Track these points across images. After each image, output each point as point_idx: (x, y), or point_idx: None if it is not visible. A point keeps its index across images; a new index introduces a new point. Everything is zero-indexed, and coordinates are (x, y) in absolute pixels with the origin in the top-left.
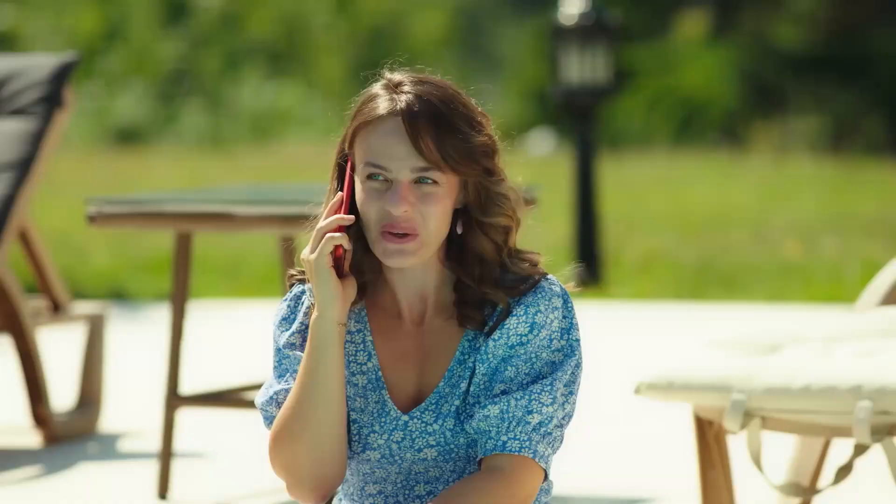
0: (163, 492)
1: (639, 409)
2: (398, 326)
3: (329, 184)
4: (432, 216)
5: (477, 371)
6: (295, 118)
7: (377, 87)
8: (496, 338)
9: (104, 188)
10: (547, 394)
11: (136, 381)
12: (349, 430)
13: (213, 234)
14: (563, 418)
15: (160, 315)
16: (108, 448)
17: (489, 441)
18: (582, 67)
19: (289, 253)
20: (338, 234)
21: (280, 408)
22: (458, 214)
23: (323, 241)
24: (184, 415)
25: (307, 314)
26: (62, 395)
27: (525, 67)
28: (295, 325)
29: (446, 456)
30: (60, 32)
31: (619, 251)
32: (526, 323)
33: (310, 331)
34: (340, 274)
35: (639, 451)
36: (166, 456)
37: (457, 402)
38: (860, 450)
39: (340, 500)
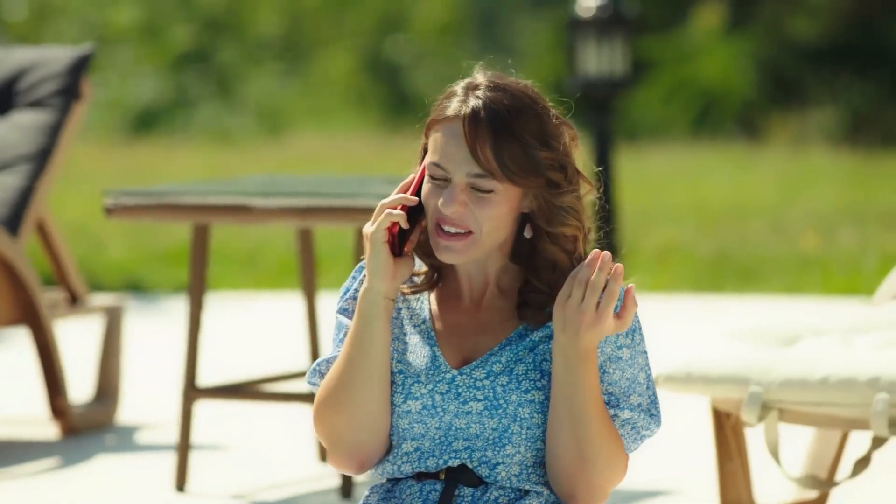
0: (180, 484)
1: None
2: (457, 304)
3: (416, 163)
4: (487, 219)
5: None
6: (305, 111)
7: (458, 85)
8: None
9: (120, 179)
10: (656, 407)
11: (154, 373)
12: (393, 384)
13: (230, 226)
14: None
15: (178, 307)
16: (125, 440)
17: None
18: (599, 59)
19: (307, 244)
20: (396, 212)
21: (323, 377)
22: (527, 218)
23: (382, 215)
24: (201, 407)
25: (362, 283)
26: (80, 386)
27: (542, 59)
28: (350, 292)
29: (492, 411)
30: (86, 25)
31: (637, 243)
32: (630, 327)
33: (358, 301)
34: (396, 252)
35: (656, 443)
36: (184, 448)
37: (511, 365)
38: (878, 442)
39: (373, 486)
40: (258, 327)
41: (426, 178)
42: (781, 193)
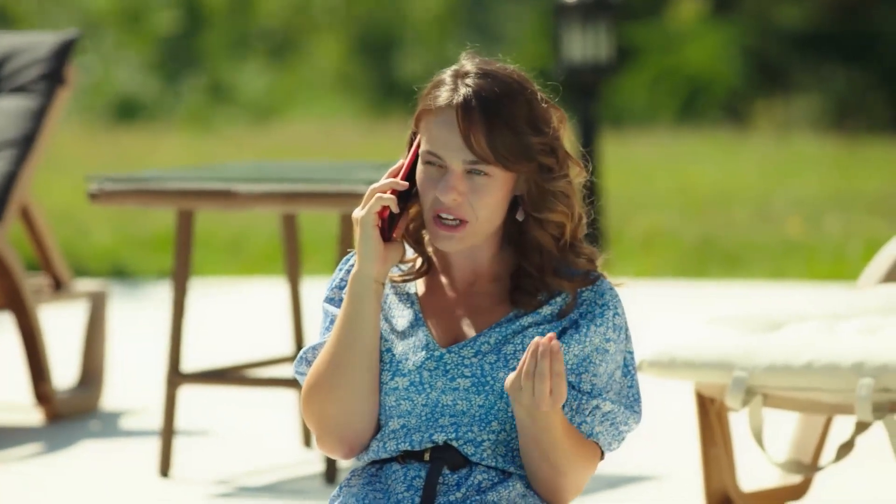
0: (164, 469)
1: (641, 387)
2: (447, 290)
3: (406, 148)
4: (483, 206)
5: (568, 345)
6: (296, 99)
7: (447, 74)
8: (597, 323)
9: (105, 165)
10: (637, 402)
11: (138, 359)
12: (381, 362)
13: (215, 212)
14: None
15: (162, 293)
16: (109, 426)
17: (584, 424)
18: (584, 45)
19: (292, 230)
20: (387, 196)
21: (310, 365)
22: (519, 201)
23: (373, 199)
24: (185, 392)
25: (349, 272)
26: (64, 372)
27: (528, 45)
28: (337, 281)
29: (479, 388)
30: (67, 8)
31: (622, 229)
32: (611, 324)
33: (348, 284)
34: (386, 237)
35: (641, 428)
36: (168, 433)
37: (500, 345)
38: (862, 427)
39: (353, 469)
40: (242, 313)
41: (421, 164)
42: (766, 180)
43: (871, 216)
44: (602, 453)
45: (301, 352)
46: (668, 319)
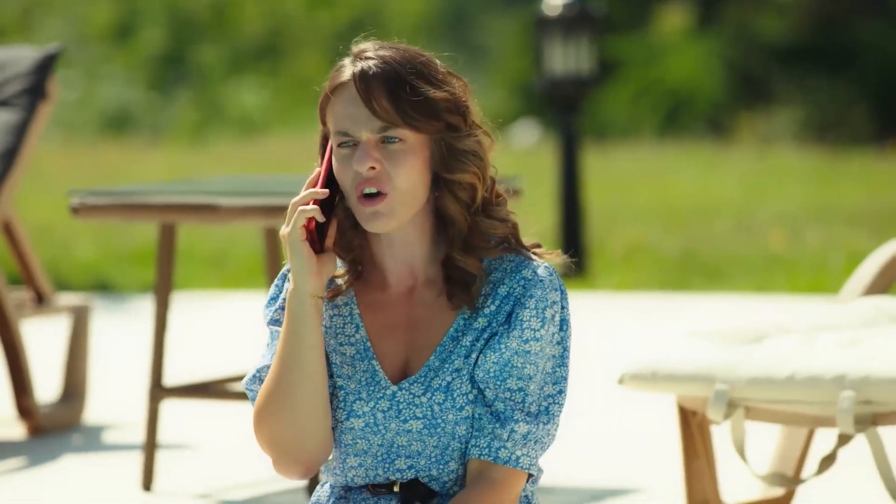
0: (147, 483)
1: (622, 400)
2: (385, 299)
3: (318, 158)
4: (400, 174)
5: (486, 357)
6: (278, 113)
7: (345, 59)
8: (511, 329)
9: (89, 180)
10: (561, 411)
11: (121, 373)
12: (335, 398)
13: (197, 226)
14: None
15: (145, 307)
16: (92, 440)
17: (502, 451)
18: (566, 58)
19: (274, 244)
20: (310, 207)
21: (262, 384)
22: (436, 180)
23: (296, 214)
24: (168, 406)
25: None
26: (46, 386)
27: (509, 58)
28: (279, 302)
29: (431, 430)
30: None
31: (604, 242)
32: (538, 318)
33: (286, 303)
34: (316, 248)
35: (622, 441)
36: (150, 447)
37: (448, 378)
38: (844, 440)
39: (325, 481)
40: (225, 327)
41: (336, 155)
42: (748, 193)
43: (852, 229)
44: (528, 474)
45: (254, 370)
46: (649, 332)
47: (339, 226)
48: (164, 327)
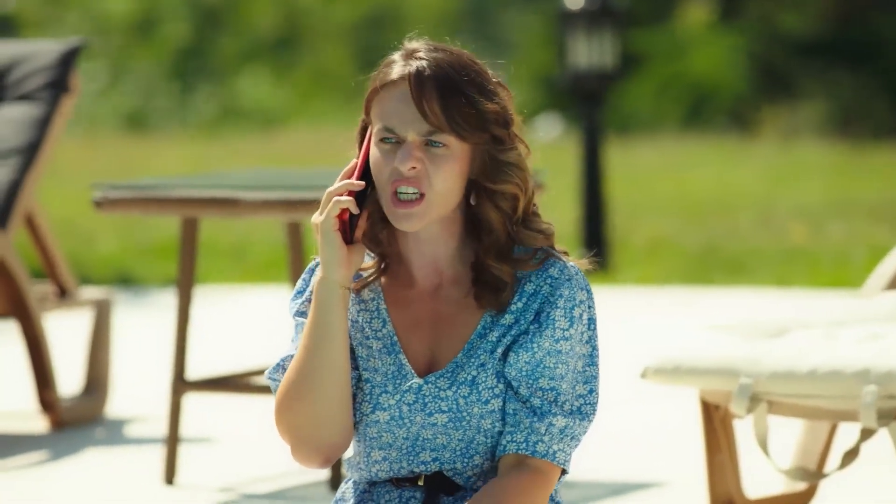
0: (169, 477)
1: (645, 394)
2: (412, 295)
3: (355, 153)
4: (439, 178)
5: (518, 356)
6: (296, 106)
7: (395, 55)
8: (542, 328)
9: (111, 173)
10: (589, 405)
11: (143, 367)
12: (361, 391)
13: (219, 220)
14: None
15: (166, 300)
16: (114, 433)
17: (540, 444)
18: (589, 52)
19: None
20: (345, 198)
21: (285, 373)
22: (473, 186)
23: (330, 203)
24: (190, 400)
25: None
26: (69, 380)
27: (532, 52)
28: (306, 294)
29: (457, 423)
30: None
31: (626, 236)
32: (566, 317)
33: (314, 292)
34: (347, 239)
35: (645, 435)
36: (173, 441)
37: (474, 373)
38: (866, 434)
39: (349, 478)
40: (247, 320)
41: (375, 147)
42: (770, 186)
43: (874, 223)
44: (562, 470)
45: (278, 360)
46: (672, 326)
47: (368, 218)
48: (186, 321)
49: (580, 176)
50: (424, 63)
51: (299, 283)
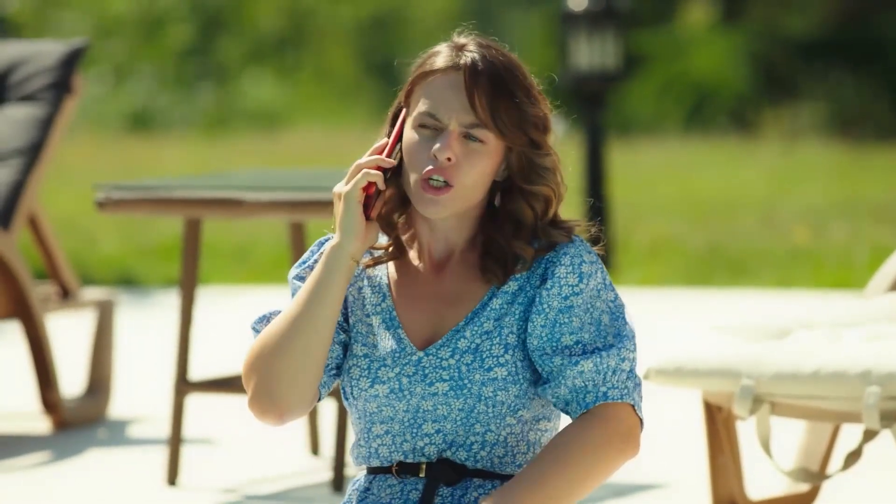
0: (172, 478)
1: (647, 395)
2: (416, 273)
3: (384, 130)
4: (470, 172)
5: (534, 322)
6: (299, 106)
7: (442, 46)
8: (549, 287)
9: (115, 174)
10: (629, 341)
11: (146, 367)
12: (359, 367)
13: (222, 220)
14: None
15: (169, 301)
16: (117, 434)
17: (588, 395)
18: (591, 53)
19: (299, 238)
20: (374, 172)
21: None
22: (497, 186)
23: (359, 174)
24: (193, 401)
25: (318, 256)
26: (71, 381)
27: (534, 53)
28: (309, 262)
29: (457, 391)
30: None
31: (628, 237)
32: (574, 273)
33: (324, 255)
34: (367, 215)
35: (647, 436)
36: (175, 442)
37: (478, 341)
38: (869, 435)
39: (357, 478)
40: (250, 322)
41: (412, 130)
42: (773, 187)
43: (877, 224)
44: (639, 419)
45: (267, 311)
46: (674, 327)
47: (386, 202)
48: (188, 322)
49: (582, 177)
50: (479, 56)
51: (306, 253)
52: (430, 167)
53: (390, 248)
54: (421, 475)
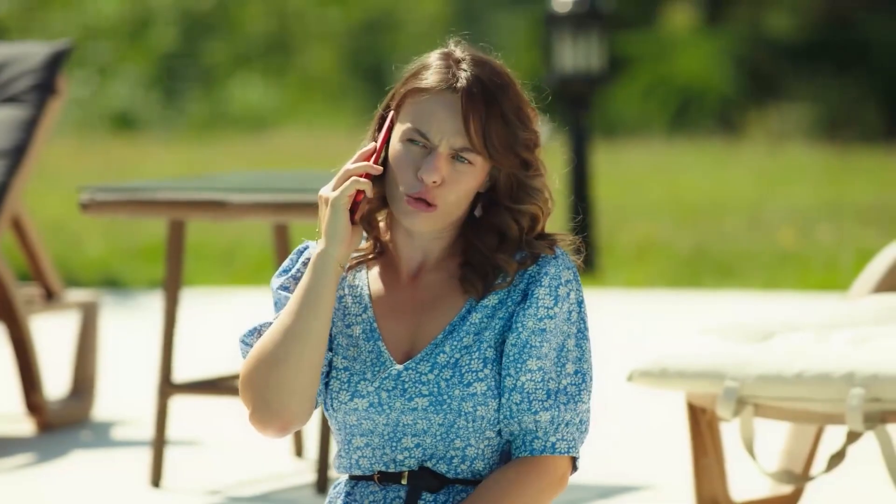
0: (156, 479)
1: (632, 397)
2: (394, 280)
3: (370, 132)
4: (454, 192)
5: (507, 341)
6: (286, 109)
7: (435, 57)
8: (527, 307)
9: (100, 176)
10: (586, 386)
11: (130, 369)
12: (338, 380)
13: (206, 222)
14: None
15: (154, 303)
16: (101, 436)
17: (536, 441)
18: (576, 55)
19: (283, 240)
20: (363, 180)
21: (260, 337)
22: (480, 197)
23: (348, 181)
24: (177, 402)
25: (305, 264)
26: (56, 382)
27: (519, 55)
28: (292, 272)
29: (437, 407)
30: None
31: (614, 239)
32: (551, 296)
33: (311, 262)
34: (352, 220)
35: (632, 438)
36: (159, 444)
37: (457, 356)
38: (853, 437)
39: (338, 482)
40: (234, 323)
41: (399, 143)
42: (759, 189)
43: (862, 226)
44: (572, 461)
45: (256, 325)
46: (660, 329)
47: (369, 202)
48: (173, 324)
49: (567, 179)
50: (474, 78)
51: (286, 262)
52: (415, 191)
53: (372, 250)
54: (403, 482)
